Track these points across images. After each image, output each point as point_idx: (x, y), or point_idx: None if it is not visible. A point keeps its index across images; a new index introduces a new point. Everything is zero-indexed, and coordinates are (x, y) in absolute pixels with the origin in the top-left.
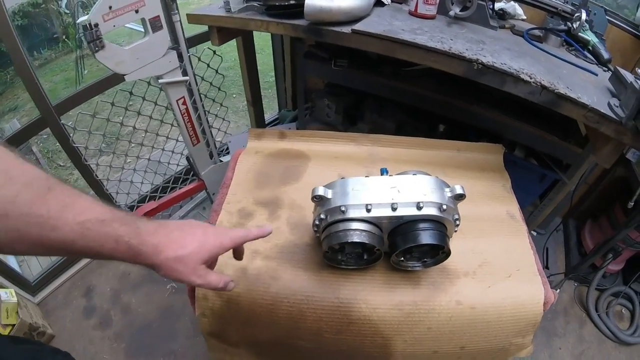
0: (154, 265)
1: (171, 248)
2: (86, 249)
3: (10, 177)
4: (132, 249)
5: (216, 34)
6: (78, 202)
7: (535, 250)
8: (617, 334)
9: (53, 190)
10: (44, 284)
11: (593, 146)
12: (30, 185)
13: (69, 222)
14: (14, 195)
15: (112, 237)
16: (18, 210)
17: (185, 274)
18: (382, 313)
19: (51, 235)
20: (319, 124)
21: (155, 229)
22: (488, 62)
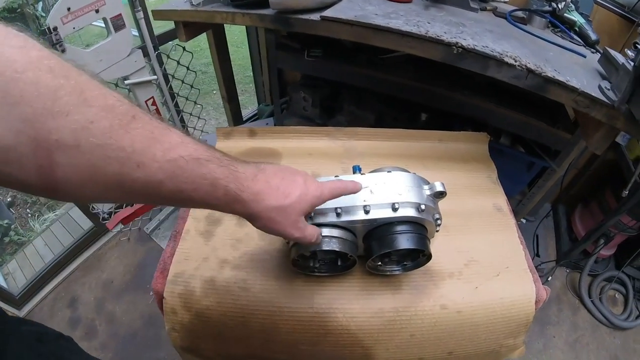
0: (252, 214)
1: (273, 196)
2: (176, 192)
3: (85, 99)
4: (230, 194)
5: (182, 29)
6: (168, 135)
7: (525, 245)
8: (611, 319)
9: (138, 119)
10: (29, 296)
11: (584, 132)
12: (111, 110)
13: (157, 159)
14: (89, 121)
15: (209, 179)
16: (94, 140)
17: (284, 226)
18: (360, 322)
19: (135, 174)
20: (297, 118)
21: (254, 174)
22: (468, 45)
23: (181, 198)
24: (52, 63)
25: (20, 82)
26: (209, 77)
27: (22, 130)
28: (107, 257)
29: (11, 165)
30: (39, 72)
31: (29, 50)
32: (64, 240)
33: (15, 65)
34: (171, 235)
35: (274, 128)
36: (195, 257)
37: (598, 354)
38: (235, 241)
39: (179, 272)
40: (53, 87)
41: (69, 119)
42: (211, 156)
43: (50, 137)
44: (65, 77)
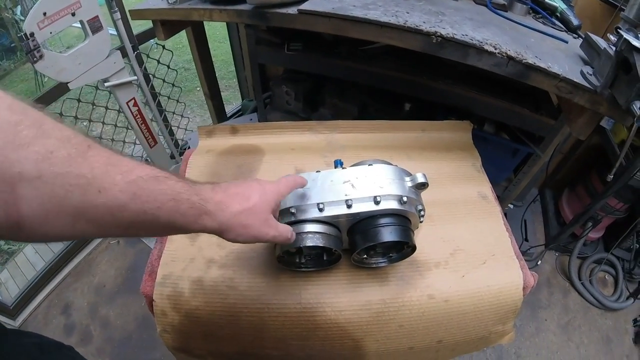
0: (221, 224)
1: (236, 201)
2: (140, 213)
3: (44, 131)
4: (195, 207)
5: (160, 27)
6: (123, 160)
7: (510, 232)
8: (602, 301)
9: (93, 148)
10: (22, 306)
11: (567, 118)
12: (68, 140)
13: (117, 182)
14: (50, 151)
15: (170, 195)
16: (55, 169)
17: (257, 228)
18: (348, 315)
19: (97, 200)
20: (280, 113)
21: (212, 187)
22: (448, 34)
23: (147, 219)
24: (9, 101)
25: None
26: (192, 74)
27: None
28: (98, 261)
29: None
30: None
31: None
32: (54, 246)
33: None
34: (157, 238)
35: (255, 124)
36: (182, 258)
37: (590, 335)
38: (221, 240)
39: (166, 274)
40: (13, 122)
41: (30, 150)
42: (168, 174)
43: (13, 170)
44: (23, 113)
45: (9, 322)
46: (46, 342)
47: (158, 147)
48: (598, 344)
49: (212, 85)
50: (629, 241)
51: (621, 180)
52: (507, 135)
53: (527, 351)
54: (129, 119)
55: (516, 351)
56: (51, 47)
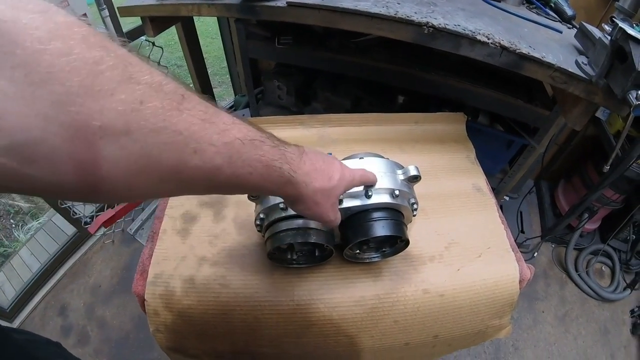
0: (300, 195)
1: (320, 178)
2: (232, 178)
3: (130, 74)
4: (283, 176)
5: (149, 24)
6: (220, 116)
7: (506, 225)
8: (599, 292)
9: (188, 99)
10: (19, 308)
11: (562, 108)
12: (160, 89)
13: (214, 142)
14: (139, 101)
15: (263, 162)
16: (147, 124)
17: (325, 209)
18: (342, 311)
19: (192, 161)
20: (272, 108)
21: (299, 155)
22: (440, 24)
23: (236, 184)
24: (84, 31)
25: (47, 54)
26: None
27: (53, 116)
28: (93, 261)
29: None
30: (70, 41)
31: (53, 16)
32: (49, 247)
33: (38, 34)
34: (148, 237)
35: (246, 119)
36: (174, 256)
37: (588, 327)
38: (212, 237)
39: (158, 273)
40: (91, 60)
41: (115, 99)
42: (263, 137)
43: (92, 124)
44: (103, 47)
45: (7, 325)
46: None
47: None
48: (595, 335)
49: (204, 81)
50: (625, 232)
51: (617, 171)
52: (501, 127)
53: (525, 343)
54: None
55: (514, 343)
56: None
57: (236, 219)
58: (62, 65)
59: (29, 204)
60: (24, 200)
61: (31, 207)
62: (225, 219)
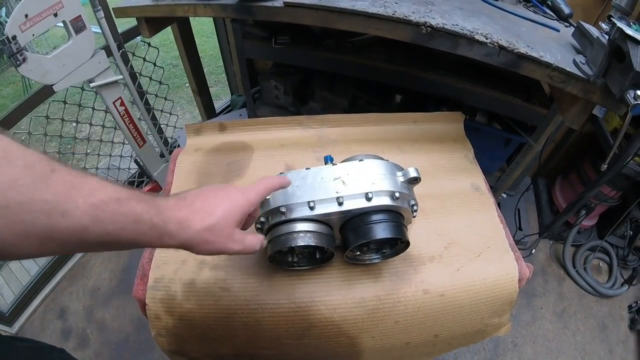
0: (184, 243)
1: (198, 218)
2: (103, 235)
3: (8, 160)
4: (156, 228)
5: (145, 25)
6: (86, 182)
7: (505, 224)
8: (597, 288)
9: (57, 172)
10: (19, 312)
11: (560, 107)
12: (32, 168)
13: (79, 205)
14: (13, 180)
15: (131, 217)
16: (20, 197)
17: (221, 244)
18: (343, 312)
19: (61, 223)
20: (269, 107)
21: (175, 203)
22: (437, 24)
23: (110, 241)
24: None
25: None
26: (180, 70)
27: None
28: (92, 264)
29: None
30: None
31: None
32: None
33: None
34: None
35: (244, 121)
36: (174, 260)
37: (586, 323)
38: None
39: (158, 277)
40: None
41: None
42: (130, 195)
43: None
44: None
45: (6, 329)
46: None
47: (147, 147)
48: (594, 331)
49: (200, 81)
50: (623, 228)
51: (614, 168)
52: (499, 125)
53: (524, 340)
54: (117, 119)
55: (513, 340)
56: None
57: None
58: None
59: None
60: None
61: None
62: None
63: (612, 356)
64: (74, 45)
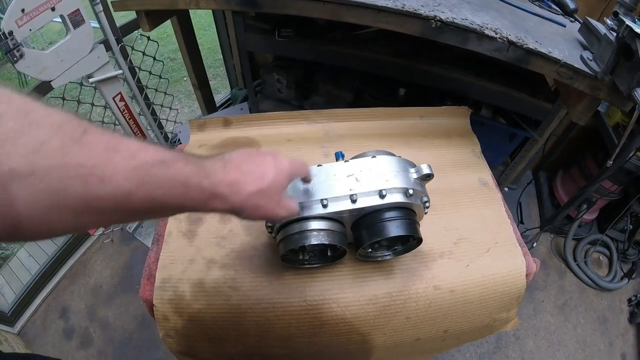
0: (234, 207)
1: (250, 182)
2: (148, 201)
3: (30, 121)
4: (205, 191)
5: (145, 18)
6: (124, 142)
7: (512, 219)
8: (597, 281)
9: (90, 132)
10: (20, 311)
11: (566, 103)
12: (60, 128)
13: (120, 169)
14: (40, 143)
15: (179, 180)
16: (49, 162)
17: (271, 209)
18: (355, 310)
19: (100, 190)
20: (272, 101)
21: (223, 165)
22: (447, 18)
23: (155, 207)
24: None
25: None
26: (178, 63)
27: None
28: (93, 261)
29: None
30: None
31: None
32: (48, 249)
33: None
34: (153, 239)
35: (249, 115)
36: (181, 259)
37: (586, 315)
38: (220, 239)
39: (165, 277)
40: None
41: (19, 144)
42: (175, 156)
43: (2, 168)
44: (5, 102)
45: (8, 329)
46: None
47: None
48: (594, 324)
49: (200, 75)
50: (623, 222)
51: (616, 163)
52: (503, 120)
53: (526, 332)
54: (116, 115)
55: (515, 333)
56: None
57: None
58: None
59: None
60: None
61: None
62: (232, 220)
63: (612, 349)
64: (72, 40)
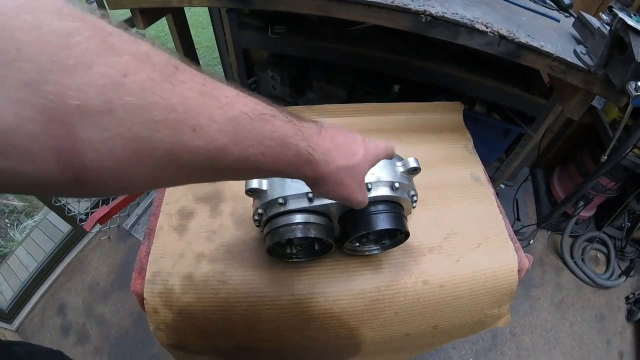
0: (320, 176)
1: (341, 155)
2: (242, 160)
3: (111, 45)
4: (300, 155)
5: (139, 16)
6: (222, 88)
7: (504, 214)
8: (595, 279)
9: (182, 70)
10: (18, 308)
11: (560, 97)
12: (147, 60)
13: (216, 118)
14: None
15: (278, 139)
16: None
17: (352, 189)
18: (343, 304)
19: (191, 141)
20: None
21: (318, 131)
22: (437, 13)
23: (246, 167)
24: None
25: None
26: None
27: (26, 98)
28: (90, 258)
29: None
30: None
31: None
32: (45, 246)
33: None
34: (145, 234)
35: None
36: (171, 253)
37: (584, 313)
38: (210, 233)
39: (156, 271)
40: (64, 31)
41: (93, 73)
42: (275, 111)
43: (69, 103)
44: (79, 19)
45: (6, 326)
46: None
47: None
48: (591, 321)
49: None
50: (621, 220)
51: (613, 160)
52: (498, 116)
53: (522, 329)
54: None
55: (511, 330)
56: None
57: (233, 213)
58: (31, 40)
59: (24, 202)
60: (18, 199)
61: (26, 206)
62: (223, 214)
63: (610, 347)
64: None
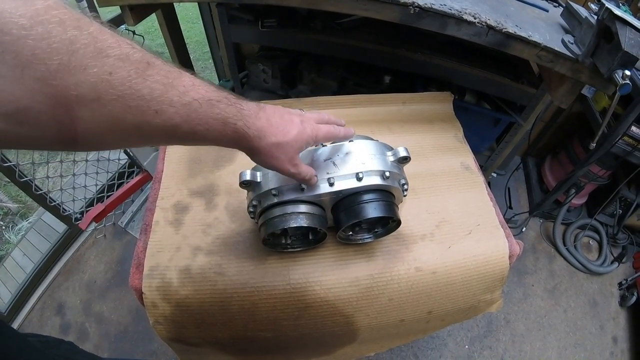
0: (254, 149)
1: (273, 133)
2: (190, 134)
3: (101, 50)
4: (238, 132)
5: (129, 12)
6: (181, 79)
7: (495, 202)
8: (587, 265)
9: (153, 66)
10: (16, 310)
11: (548, 86)
12: (127, 59)
13: (174, 104)
14: (108, 73)
15: (219, 119)
16: (114, 91)
17: (282, 162)
18: (338, 292)
19: (153, 120)
20: (258, 92)
21: (257, 112)
22: (425, 4)
23: (194, 138)
24: (61, 14)
25: (30, 39)
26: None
27: (38, 89)
28: (86, 257)
29: (28, 125)
30: (49, 25)
31: (33, 2)
32: (42, 247)
33: (22, 21)
34: (141, 229)
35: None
36: (168, 247)
37: (577, 299)
38: (205, 227)
39: (153, 265)
40: (67, 41)
41: (87, 73)
42: (220, 96)
43: (70, 93)
44: (77, 28)
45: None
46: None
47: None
48: (585, 307)
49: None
50: (612, 207)
51: (603, 147)
52: (488, 105)
53: (516, 316)
54: None
55: (505, 316)
56: None
57: (228, 206)
58: (43, 47)
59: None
60: (12, 200)
61: (20, 207)
62: (217, 207)
63: (603, 332)
64: None
